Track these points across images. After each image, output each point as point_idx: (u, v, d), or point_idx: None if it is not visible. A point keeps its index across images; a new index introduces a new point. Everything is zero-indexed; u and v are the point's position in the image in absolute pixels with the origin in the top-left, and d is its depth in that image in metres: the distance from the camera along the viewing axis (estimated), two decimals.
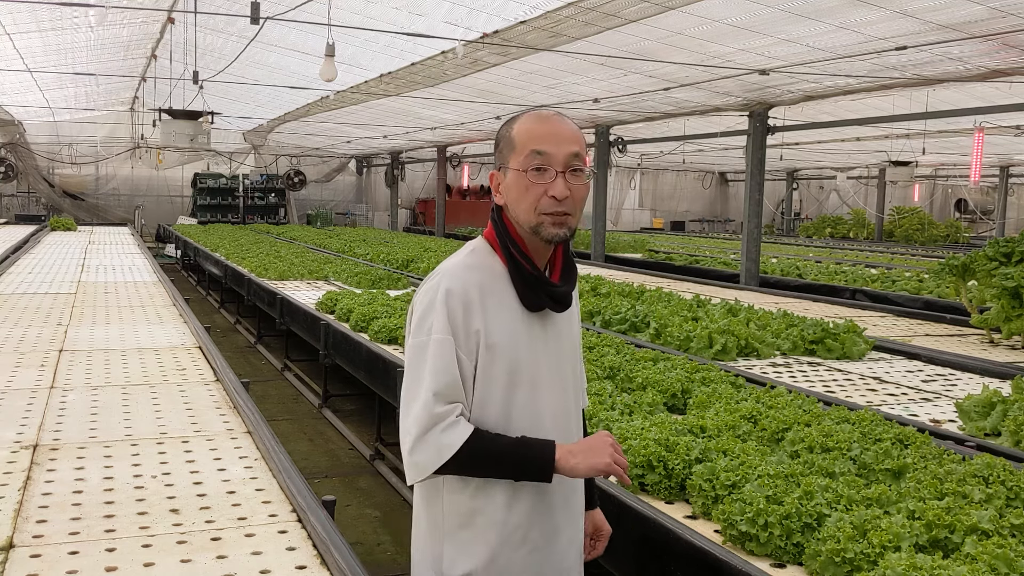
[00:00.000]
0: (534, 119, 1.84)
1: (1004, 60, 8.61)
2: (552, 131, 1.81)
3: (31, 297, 7.56)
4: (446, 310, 1.76)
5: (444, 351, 1.75)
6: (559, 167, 1.79)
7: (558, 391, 1.91)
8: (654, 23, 8.03)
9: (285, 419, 7.44)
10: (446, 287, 1.78)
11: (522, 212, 1.82)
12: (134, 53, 13.31)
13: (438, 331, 1.76)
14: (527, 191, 1.80)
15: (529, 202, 1.80)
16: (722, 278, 12.29)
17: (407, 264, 11.80)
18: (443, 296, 1.77)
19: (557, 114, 1.87)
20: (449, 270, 1.83)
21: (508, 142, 1.84)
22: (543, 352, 1.87)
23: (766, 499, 2.58)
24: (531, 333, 1.85)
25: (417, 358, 1.78)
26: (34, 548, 2.35)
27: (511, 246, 1.85)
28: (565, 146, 1.80)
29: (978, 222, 30.19)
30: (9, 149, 21.50)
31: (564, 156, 1.80)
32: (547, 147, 1.79)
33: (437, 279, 1.82)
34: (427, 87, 12.53)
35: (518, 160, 1.81)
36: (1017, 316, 6.14)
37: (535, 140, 1.80)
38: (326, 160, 25.79)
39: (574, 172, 1.81)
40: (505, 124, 1.89)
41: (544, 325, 1.88)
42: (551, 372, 1.89)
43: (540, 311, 1.87)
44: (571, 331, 2.00)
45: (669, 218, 30.57)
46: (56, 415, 3.71)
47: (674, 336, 5.81)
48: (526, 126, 1.83)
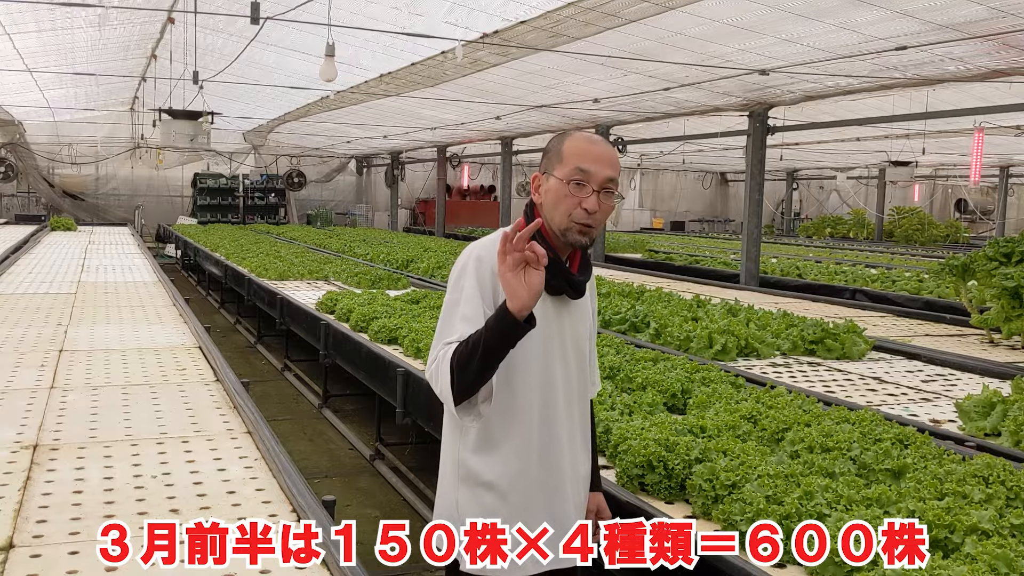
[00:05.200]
0: (584, 140, 2.10)
1: (1004, 60, 8.61)
2: (596, 154, 2.07)
3: (31, 297, 7.56)
4: (476, 273, 2.03)
5: (474, 305, 2.01)
6: (596, 185, 2.05)
7: (568, 366, 2.15)
8: (654, 23, 8.03)
9: (285, 419, 7.44)
10: (477, 254, 2.06)
11: (556, 215, 2.08)
12: (134, 53, 13.31)
13: (468, 288, 2.03)
14: (565, 199, 2.06)
15: (564, 209, 2.06)
16: (722, 278, 12.29)
17: (407, 264, 11.80)
18: (474, 262, 2.05)
19: (604, 140, 2.15)
20: (481, 243, 2.11)
21: (557, 153, 2.10)
22: (556, 332, 2.12)
23: (766, 499, 2.58)
24: (546, 311, 2.08)
25: (450, 309, 2.06)
26: (34, 548, 2.35)
27: (539, 238, 2.06)
28: (605, 170, 2.06)
29: (978, 222, 30.19)
30: (9, 149, 21.50)
31: (602, 178, 2.06)
32: (590, 166, 2.05)
33: (470, 250, 2.10)
34: (427, 87, 12.53)
35: (563, 171, 2.06)
36: (1017, 316, 6.14)
37: (581, 158, 2.06)
38: (326, 160, 25.79)
39: (606, 192, 2.07)
40: (557, 137, 2.15)
41: (559, 309, 2.13)
42: (562, 350, 2.13)
43: (558, 295, 2.11)
44: (585, 320, 2.23)
45: (669, 218, 30.56)
46: (56, 415, 3.71)
47: (674, 336, 5.81)
48: (576, 144, 2.08)
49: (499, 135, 18.46)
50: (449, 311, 2.06)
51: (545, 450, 2.09)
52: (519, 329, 1.88)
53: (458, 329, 1.98)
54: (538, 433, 2.09)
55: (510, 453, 2.06)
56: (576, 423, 2.19)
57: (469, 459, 2.07)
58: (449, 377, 1.92)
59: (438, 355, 1.98)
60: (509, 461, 2.06)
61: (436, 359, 1.98)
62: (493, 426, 2.06)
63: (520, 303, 1.85)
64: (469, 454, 2.08)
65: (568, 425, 2.15)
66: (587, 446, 2.25)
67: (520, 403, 2.07)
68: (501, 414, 2.05)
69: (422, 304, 6.94)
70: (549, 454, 2.10)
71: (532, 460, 2.08)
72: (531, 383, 2.07)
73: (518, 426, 2.07)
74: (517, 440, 2.07)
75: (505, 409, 2.05)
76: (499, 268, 1.88)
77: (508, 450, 2.07)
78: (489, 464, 2.06)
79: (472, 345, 1.90)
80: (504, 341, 1.89)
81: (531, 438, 2.08)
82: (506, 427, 2.07)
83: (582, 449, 2.21)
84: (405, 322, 5.88)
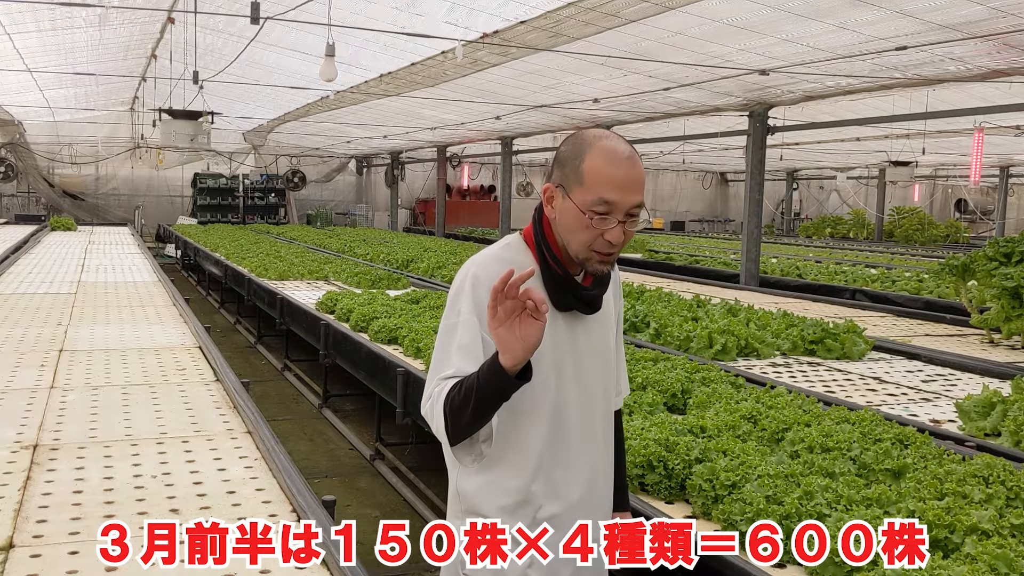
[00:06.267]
0: (609, 161, 1.80)
1: (1004, 60, 8.61)
2: (624, 180, 1.79)
3: (31, 297, 7.56)
4: (473, 295, 1.84)
5: (471, 331, 1.83)
6: (620, 216, 1.80)
7: (583, 387, 1.94)
8: (654, 23, 8.03)
9: (285, 419, 7.44)
10: (474, 273, 1.87)
11: (573, 242, 1.85)
12: (134, 53, 13.31)
13: (465, 312, 1.84)
14: (585, 229, 1.81)
15: (585, 239, 1.83)
16: (722, 278, 12.29)
17: (407, 264, 11.80)
18: (471, 281, 1.86)
19: (631, 155, 1.82)
20: (480, 260, 1.92)
21: (575, 172, 1.82)
22: (569, 350, 1.91)
23: (766, 499, 2.58)
24: (556, 330, 1.88)
25: (446, 336, 1.87)
26: (34, 548, 2.35)
27: (545, 250, 1.90)
28: (631, 196, 1.80)
29: (978, 222, 30.19)
30: (9, 149, 21.50)
31: (628, 206, 1.80)
32: (615, 196, 1.78)
33: (467, 266, 1.91)
34: (427, 87, 12.53)
35: (583, 198, 1.80)
36: (1017, 316, 6.14)
37: (606, 188, 1.78)
38: (326, 160, 25.79)
39: (631, 217, 1.82)
40: (575, 145, 1.85)
41: (572, 324, 1.93)
42: (576, 369, 1.92)
43: (568, 311, 1.92)
44: (604, 333, 2.02)
45: (669, 218, 30.55)
46: (56, 415, 3.71)
47: (674, 336, 5.81)
48: (600, 166, 1.79)
49: (499, 135, 18.46)
50: (445, 338, 1.88)
51: (553, 484, 1.91)
52: (513, 385, 1.71)
53: (454, 362, 1.82)
54: (546, 467, 1.90)
55: (511, 487, 1.88)
56: (598, 446, 1.99)
57: (469, 493, 1.92)
58: (443, 423, 1.78)
59: (433, 392, 1.82)
60: (510, 495, 1.88)
61: (431, 396, 1.82)
62: (493, 458, 1.89)
63: (512, 359, 1.66)
64: (468, 486, 1.92)
65: (586, 452, 1.95)
66: (609, 471, 2.05)
67: (524, 437, 1.88)
68: (502, 448, 1.88)
69: (422, 304, 6.94)
70: (558, 488, 1.91)
71: (537, 495, 1.89)
72: (538, 412, 1.88)
73: (521, 458, 1.89)
74: (520, 475, 1.88)
75: (506, 444, 1.88)
76: (489, 323, 1.67)
77: (510, 484, 1.89)
78: (488, 499, 1.89)
79: (465, 392, 1.73)
80: (498, 396, 1.72)
81: (537, 472, 1.89)
82: (508, 461, 1.89)
83: (603, 477, 2.02)
84: (405, 322, 5.88)
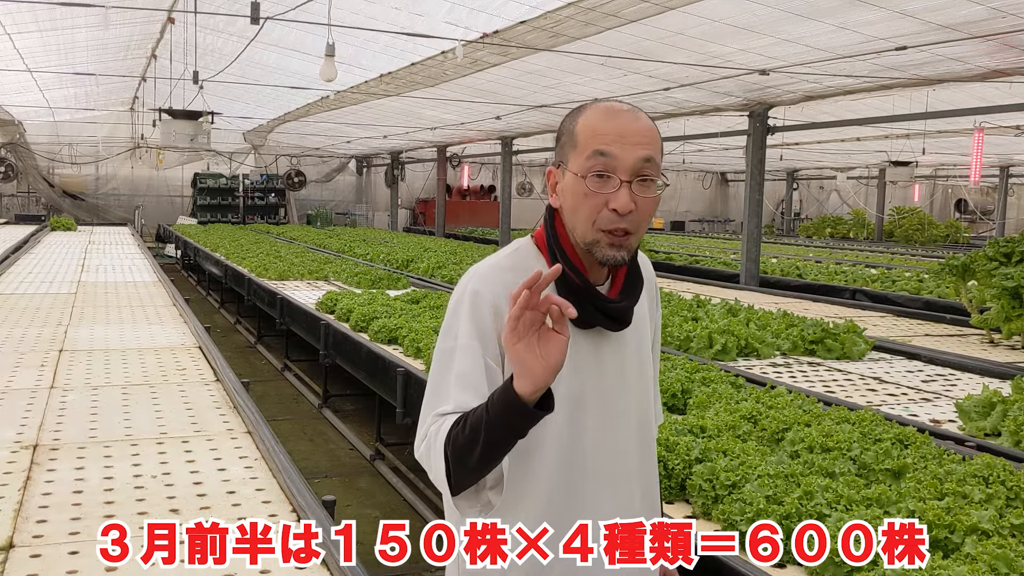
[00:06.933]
0: (602, 113, 1.53)
1: (1004, 60, 8.61)
2: (621, 129, 1.50)
3: (31, 297, 7.56)
4: (472, 314, 1.53)
5: (471, 358, 1.52)
6: (625, 175, 1.49)
7: (609, 422, 1.61)
8: (654, 23, 8.03)
9: (285, 419, 7.44)
10: (473, 288, 1.55)
11: (579, 224, 1.54)
12: (134, 53, 13.31)
13: (464, 336, 1.53)
14: (585, 200, 1.51)
15: (586, 213, 1.51)
16: (722, 278, 12.29)
17: (407, 264, 11.81)
18: (470, 299, 1.55)
19: (631, 109, 1.54)
20: (481, 270, 1.59)
21: (570, 137, 1.55)
22: (592, 375, 1.58)
23: (766, 499, 2.58)
24: (577, 351, 1.53)
25: (442, 365, 1.56)
26: (34, 548, 2.35)
27: (559, 254, 1.57)
28: (635, 149, 1.49)
29: (978, 222, 30.19)
30: (9, 149, 21.50)
31: (632, 161, 1.49)
32: (613, 148, 1.48)
33: (466, 280, 1.59)
34: (427, 87, 12.53)
35: (578, 162, 1.51)
36: (1017, 316, 6.14)
37: (600, 139, 1.49)
38: (326, 160, 25.79)
39: (642, 182, 1.50)
40: (570, 115, 1.58)
41: (598, 343, 1.59)
42: (600, 399, 1.60)
43: (591, 327, 1.58)
44: (639, 350, 1.68)
45: (669, 218, 30.55)
46: (56, 415, 3.71)
47: (674, 336, 5.81)
48: (592, 121, 1.52)
49: (499, 135, 18.46)
50: (441, 366, 1.55)
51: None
52: (532, 418, 1.38)
53: (452, 395, 1.50)
54: (560, 519, 1.56)
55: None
56: (631, 491, 1.65)
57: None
58: (444, 467, 1.45)
59: (429, 431, 1.50)
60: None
61: (427, 437, 1.50)
62: (500, 508, 1.55)
63: (532, 384, 1.34)
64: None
65: (610, 500, 1.61)
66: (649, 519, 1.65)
67: (536, 484, 1.55)
68: (511, 497, 1.55)
69: (422, 304, 6.94)
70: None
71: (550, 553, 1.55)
72: (549, 453, 1.54)
73: (533, 508, 1.55)
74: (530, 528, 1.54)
75: (515, 492, 1.55)
76: (506, 338, 1.35)
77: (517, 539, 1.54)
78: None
79: (471, 429, 1.40)
80: (512, 431, 1.39)
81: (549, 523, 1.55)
82: (516, 511, 1.55)
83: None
84: (405, 322, 5.89)
